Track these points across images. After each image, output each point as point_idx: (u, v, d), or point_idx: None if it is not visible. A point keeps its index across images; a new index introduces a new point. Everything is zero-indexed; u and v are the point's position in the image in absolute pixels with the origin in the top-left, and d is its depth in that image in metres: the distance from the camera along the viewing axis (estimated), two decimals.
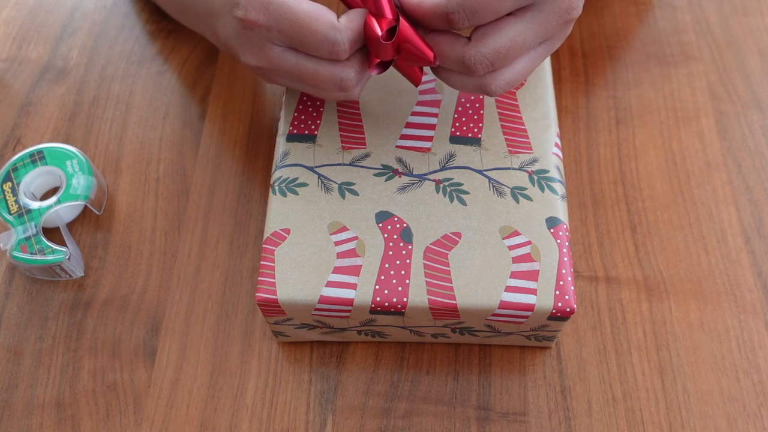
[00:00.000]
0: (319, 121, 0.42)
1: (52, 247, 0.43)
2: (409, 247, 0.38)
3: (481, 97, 0.43)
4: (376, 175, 0.40)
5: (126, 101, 0.52)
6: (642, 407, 0.40)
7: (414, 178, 0.40)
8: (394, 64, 0.37)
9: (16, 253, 0.43)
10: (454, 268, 0.37)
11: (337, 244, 0.38)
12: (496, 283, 0.36)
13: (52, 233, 0.46)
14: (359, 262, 0.37)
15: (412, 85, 0.43)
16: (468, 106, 0.42)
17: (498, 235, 0.38)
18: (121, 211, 0.47)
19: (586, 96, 0.51)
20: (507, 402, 0.40)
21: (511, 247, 0.37)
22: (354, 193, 0.39)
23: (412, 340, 0.42)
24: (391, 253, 0.37)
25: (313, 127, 0.42)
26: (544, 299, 0.36)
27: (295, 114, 0.42)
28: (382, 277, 0.37)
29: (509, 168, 0.40)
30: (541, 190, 0.39)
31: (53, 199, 0.45)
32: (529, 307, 0.36)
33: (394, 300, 0.36)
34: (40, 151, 0.46)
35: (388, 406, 0.40)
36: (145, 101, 0.52)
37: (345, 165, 0.40)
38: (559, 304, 0.36)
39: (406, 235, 0.38)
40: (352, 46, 0.35)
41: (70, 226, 0.47)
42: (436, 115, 0.42)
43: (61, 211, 0.45)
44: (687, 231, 0.45)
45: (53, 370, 0.42)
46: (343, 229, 0.38)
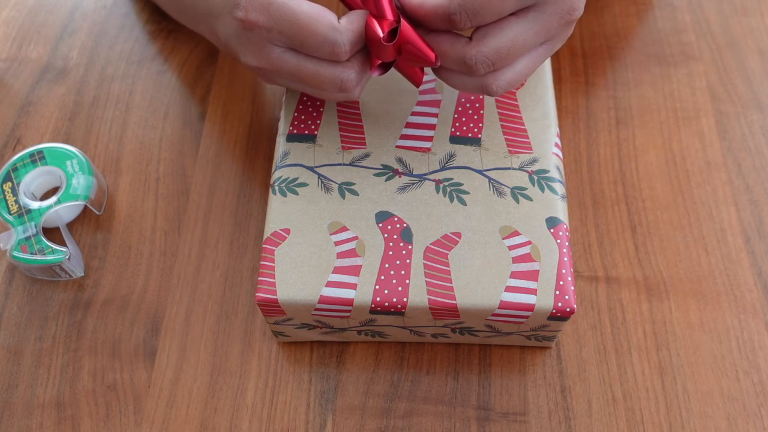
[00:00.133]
0: (319, 121, 0.42)
1: (52, 247, 0.43)
2: (409, 247, 0.38)
3: (481, 97, 0.43)
4: (376, 175, 0.40)
5: (126, 101, 0.52)
6: (642, 407, 0.40)
7: (414, 178, 0.40)
8: (395, 65, 0.37)
9: (16, 253, 0.43)
10: (454, 268, 0.37)
11: (337, 244, 0.38)
12: (496, 283, 0.36)
13: (52, 233, 0.46)
14: (359, 262, 0.37)
15: (413, 85, 0.43)
16: (468, 106, 0.42)
17: (498, 235, 0.38)
18: (121, 211, 0.47)
19: (586, 96, 0.51)
20: (507, 402, 0.40)
21: (511, 247, 0.37)
22: (354, 193, 0.39)
23: (412, 340, 0.42)
24: (391, 253, 0.37)
25: (313, 127, 0.42)
26: (544, 299, 0.36)
27: (295, 114, 0.42)
28: (382, 277, 0.37)
29: (509, 168, 0.40)
30: (541, 190, 0.39)
31: (53, 199, 0.45)
32: (529, 307, 0.36)
33: (394, 300, 0.36)
34: (40, 151, 0.46)
35: (388, 406, 0.40)
36: (145, 101, 0.52)
37: (345, 165, 0.40)
38: (559, 304, 0.36)
39: (406, 235, 0.38)
40: (353, 47, 0.35)
41: (70, 226, 0.47)
42: (436, 115, 0.42)
43: (61, 211, 0.45)
44: (687, 231, 0.45)
45: (53, 370, 0.42)
46: (343, 229, 0.38)
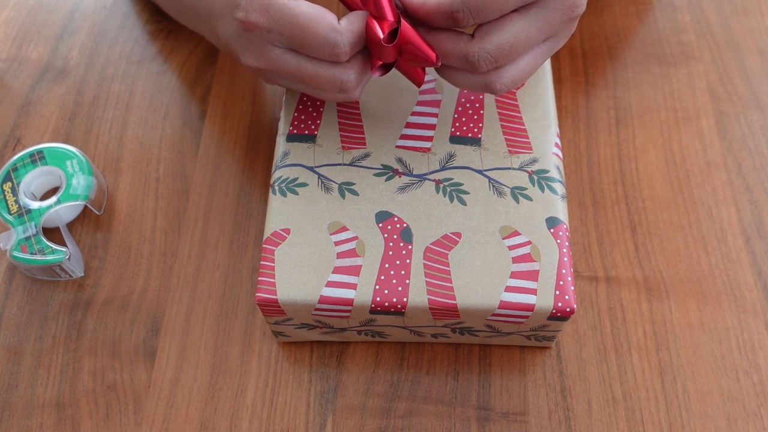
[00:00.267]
0: (319, 121, 0.42)
1: (52, 247, 0.43)
2: (409, 247, 0.38)
3: (481, 96, 0.43)
4: (376, 175, 0.40)
5: (126, 101, 0.52)
6: (642, 407, 0.40)
7: (414, 178, 0.40)
8: (396, 65, 0.37)
9: (16, 253, 0.43)
10: (454, 268, 0.37)
11: (337, 244, 0.38)
12: (496, 283, 0.36)
13: (52, 233, 0.46)
14: (359, 262, 0.37)
15: (413, 84, 0.43)
16: (468, 106, 0.42)
17: (498, 235, 0.38)
18: (121, 211, 0.47)
19: (586, 96, 0.51)
20: (507, 402, 0.40)
21: (511, 247, 0.37)
22: (354, 193, 0.39)
23: (412, 340, 0.42)
24: (391, 253, 0.37)
25: (313, 127, 0.42)
26: (544, 299, 0.36)
27: (295, 114, 0.42)
28: (382, 277, 0.37)
29: (509, 168, 0.40)
30: (541, 190, 0.39)
31: (53, 199, 0.45)
32: (529, 307, 0.36)
33: (394, 300, 0.36)
34: (40, 151, 0.46)
35: (388, 406, 0.40)
36: (145, 101, 0.52)
37: (345, 165, 0.40)
38: (559, 304, 0.36)
39: (406, 235, 0.38)
40: (353, 48, 0.35)
41: (70, 226, 0.47)
42: (436, 115, 0.42)
43: (61, 211, 0.45)
44: (687, 231, 0.45)
45: (53, 370, 0.42)
46: (343, 229, 0.38)
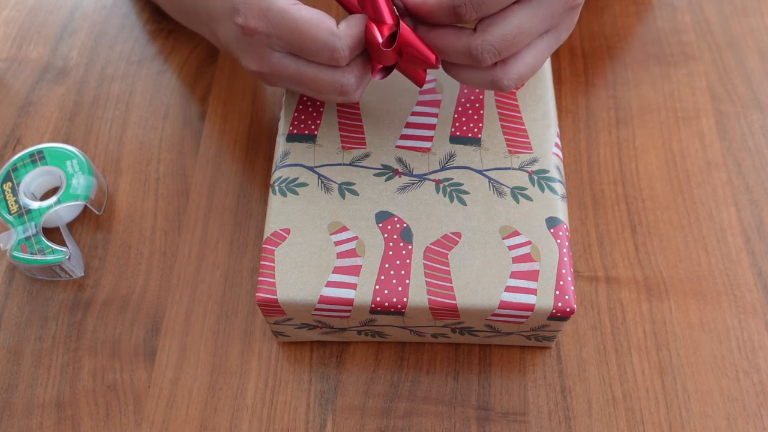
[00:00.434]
0: (319, 121, 0.42)
1: (52, 247, 0.43)
2: (409, 247, 0.38)
3: (481, 96, 0.43)
4: (376, 175, 0.40)
5: (126, 101, 0.52)
6: (642, 407, 0.40)
7: (414, 178, 0.40)
8: (396, 67, 0.37)
9: (16, 253, 0.43)
10: (454, 268, 0.37)
11: (337, 244, 0.38)
12: (496, 283, 0.36)
13: (52, 233, 0.46)
14: (359, 262, 0.37)
15: (413, 84, 0.43)
16: (468, 106, 0.42)
17: (498, 235, 0.38)
18: (121, 211, 0.47)
19: (586, 96, 0.51)
20: (507, 402, 0.40)
21: (511, 247, 0.37)
22: (354, 193, 0.39)
23: (412, 340, 0.42)
24: (391, 253, 0.37)
25: (313, 127, 0.42)
26: (544, 299, 0.36)
27: (295, 114, 0.42)
28: (382, 277, 0.37)
29: (509, 168, 0.40)
30: (541, 190, 0.39)
31: (53, 199, 0.45)
32: (529, 307, 0.36)
33: (394, 300, 0.36)
34: (40, 151, 0.46)
35: (388, 406, 0.40)
36: (145, 101, 0.52)
37: (345, 165, 0.40)
38: (559, 304, 0.36)
39: (406, 235, 0.38)
40: (352, 52, 0.35)
41: (70, 226, 0.47)
42: (436, 115, 0.42)
43: (61, 211, 0.45)
44: (687, 231, 0.45)
45: (53, 370, 0.42)
46: (343, 229, 0.38)
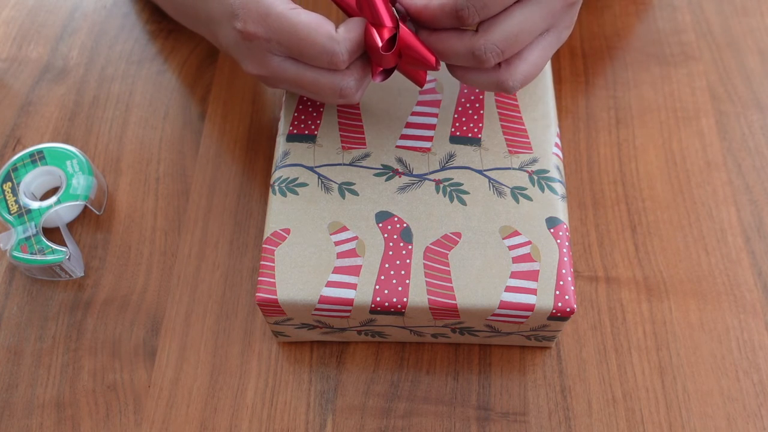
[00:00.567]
0: (319, 121, 0.42)
1: (52, 247, 0.43)
2: (409, 247, 0.38)
3: (481, 96, 0.43)
4: (376, 175, 0.40)
5: (126, 101, 0.52)
6: (642, 407, 0.40)
7: (414, 178, 0.40)
8: (397, 68, 0.37)
9: (16, 253, 0.43)
10: (454, 268, 0.37)
11: (337, 244, 0.38)
12: (496, 283, 0.36)
13: (52, 233, 0.46)
14: (359, 262, 0.37)
15: (413, 84, 0.43)
16: (468, 106, 0.42)
17: (498, 235, 0.38)
18: (121, 211, 0.47)
19: (586, 96, 0.51)
20: (507, 402, 0.40)
21: (511, 247, 0.37)
22: (354, 193, 0.39)
23: (412, 340, 0.42)
24: (391, 253, 0.37)
25: (313, 127, 0.42)
26: (544, 299, 0.36)
27: (295, 114, 0.42)
28: (382, 277, 0.37)
29: (509, 168, 0.40)
30: (541, 190, 0.39)
31: (53, 199, 0.45)
32: (529, 307, 0.36)
33: (394, 300, 0.36)
34: (40, 151, 0.46)
35: (388, 406, 0.40)
36: (145, 101, 0.52)
37: (345, 165, 0.40)
38: (559, 304, 0.36)
39: (406, 235, 0.38)
40: (351, 56, 0.35)
41: (70, 226, 0.47)
42: (436, 115, 0.42)
43: (61, 211, 0.45)
44: (687, 231, 0.45)
45: (53, 370, 0.42)
46: (343, 229, 0.38)
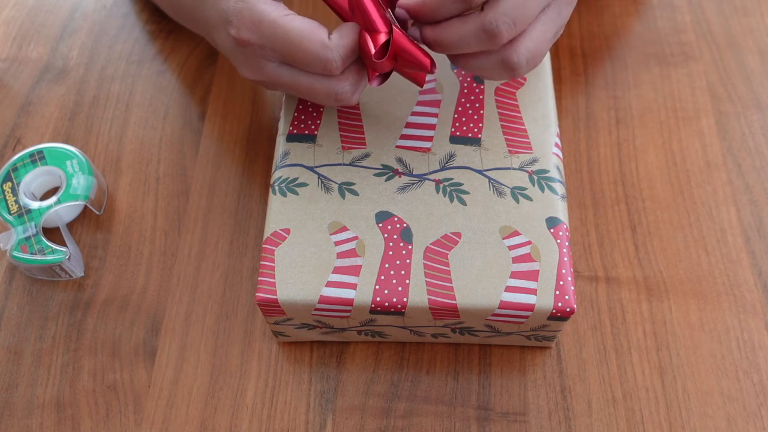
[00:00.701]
0: (319, 121, 0.42)
1: (52, 247, 0.43)
2: (409, 247, 0.38)
3: (481, 96, 0.43)
4: (376, 175, 0.40)
5: (126, 101, 0.52)
6: (642, 407, 0.40)
7: (414, 178, 0.40)
8: (395, 70, 0.37)
9: (16, 253, 0.43)
10: (454, 268, 0.37)
11: (337, 244, 0.38)
12: (496, 283, 0.36)
13: (52, 233, 0.46)
14: (359, 262, 0.37)
15: (413, 84, 0.43)
16: (468, 106, 0.42)
17: (498, 235, 0.38)
18: (121, 211, 0.47)
19: (586, 96, 0.51)
20: (507, 402, 0.40)
21: (511, 247, 0.37)
22: (354, 193, 0.39)
23: (412, 340, 0.42)
24: (391, 253, 0.37)
25: (313, 127, 0.42)
26: (544, 299, 0.36)
27: (295, 114, 0.42)
28: (382, 277, 0.37)
29: (509, 168, 0.40)
30: (541, 190, 0.39)
31: (53, 199, 0.45)
32: (529, 307, 0.36)
33: (394, 300, 0.36)
34: (40, 151, 0.46)
35: (388, 406, 0.40)
36: (145, 101, 0.52)
37: (345, 165, 0.40)
38: (559, 304, 0.36)
39: (406, 235, 0.38)
40: (345, 62, 0.35)
41: (70, 226, 0.47)
42: (436, 115, 0.42)
43: (61, 211, 0.45)
44: (687, 231, 0.45)
45: (53, 370, 0.42)
46: (343, 229, 0.38)
